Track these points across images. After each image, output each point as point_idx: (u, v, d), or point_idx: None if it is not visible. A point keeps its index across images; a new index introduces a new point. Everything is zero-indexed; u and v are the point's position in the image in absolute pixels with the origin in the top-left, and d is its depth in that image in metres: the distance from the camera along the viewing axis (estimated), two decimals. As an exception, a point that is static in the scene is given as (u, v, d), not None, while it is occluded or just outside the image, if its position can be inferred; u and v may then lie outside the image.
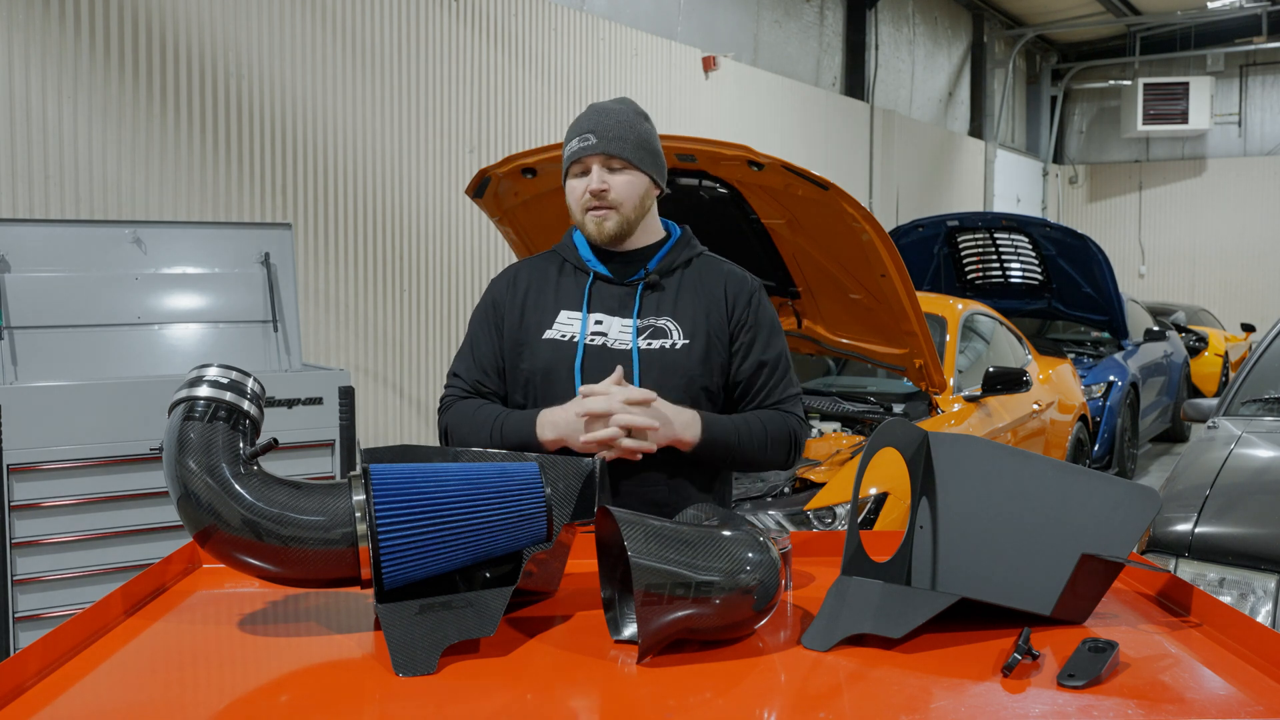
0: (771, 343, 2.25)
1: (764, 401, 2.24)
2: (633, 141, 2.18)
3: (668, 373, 2.16)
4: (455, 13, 7.12)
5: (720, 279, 2.26)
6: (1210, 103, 17.74)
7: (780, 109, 11.05)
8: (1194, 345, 12.01)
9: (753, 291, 2.27)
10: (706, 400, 2.21)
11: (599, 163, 2.16)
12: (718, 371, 2.22)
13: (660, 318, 2.21)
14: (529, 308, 2.24)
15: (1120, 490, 1.78)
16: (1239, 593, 3.06)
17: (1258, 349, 4.70)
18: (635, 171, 2.18)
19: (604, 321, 2.20)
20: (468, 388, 2.25)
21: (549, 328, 2.21)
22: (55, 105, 5.07)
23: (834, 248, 4.11)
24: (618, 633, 1.67)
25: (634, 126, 2.19)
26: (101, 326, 4.06)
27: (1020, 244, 8.34)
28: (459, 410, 2.23)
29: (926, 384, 4.72)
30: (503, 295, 2.27)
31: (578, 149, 2.17)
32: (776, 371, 2.25)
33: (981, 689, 1.48)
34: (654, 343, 2.18)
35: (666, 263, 2.25)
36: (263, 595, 1.88)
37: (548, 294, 2.25)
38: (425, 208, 6.96)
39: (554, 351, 2.19)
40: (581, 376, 2.15)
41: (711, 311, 2.22)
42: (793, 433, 2.24)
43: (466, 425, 2.20)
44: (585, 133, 2.17)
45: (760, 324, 2.25)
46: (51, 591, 3.65)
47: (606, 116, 2.18)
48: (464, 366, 2.27)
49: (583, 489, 1.86)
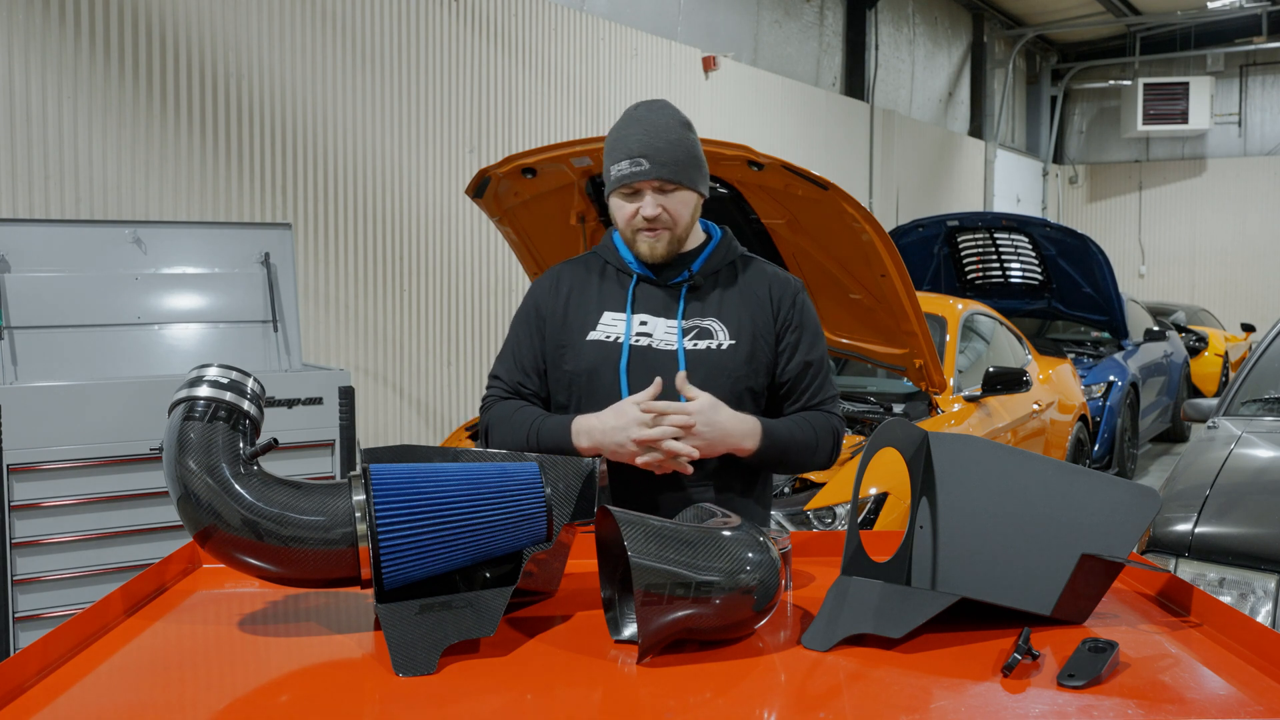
0: (815, 343, 2.26)
1: (808, 402, 2.24)
2: (685, 161, 2.14)
3: (713, 373, 2.16)
4: (455, 13, 7.12)
5: (764, 280, 2.26)
6: (1210, 103, 17.73)
7: (780, 109, 11.05)
8: (1194, 345, 12.01)
9: (796, 292, 2.26)
10: (751, 400, 2.21)
11: (652, 188, 2.13)
12: (763, 372, 2.21)
13: (705, 319, 2.20)
14: (572, 309, 2.24)
15: (1120, 490, 1.78)
16: (1239, 593, 3.06)
17: (1258, 349, 4.70)
18: (686, 190, 2.16)
19: (649, 322, 2.20)
20: (509, 389, 2.26)
21: (593, 329, 2.21)
22: (55, 105, 5.07)
23: (834, 248, 4.11)
24: (618, 633, 1.67)
25: (682, 143, 2.14)
26: (101, 326, 4.06)
27: (1020, 244, 8.35)
28: (499, 411, 2.23)
29: (926, 384, 4.72)
30: (545, 297, 2.27)
31: (629, 174, 2.12)
32: (821, 372, 2.25)
33: (981, 689, 1.48)
34: (699, 343, 2.18)
35: (710, 264, 2.24)
36: (263, 595, 1.88)
37: (590, 295, 2.24)
38: (425, 208, 6.96)
39: (599, 352, 2.18)
40: (626, 377, 2.15)
41: (757, 312, 2.22)
42: (835, 432, 2.25)
43: (505, 426, 2.20)
44: (636, 156, 2.11)
45: (805, 324, 2.25)
46: (51, 591, 3.65)
47: (656, 136, 2.12)
48: (505, 368, 2.27)
49: (583, 489, 1.86)
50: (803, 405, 2.24)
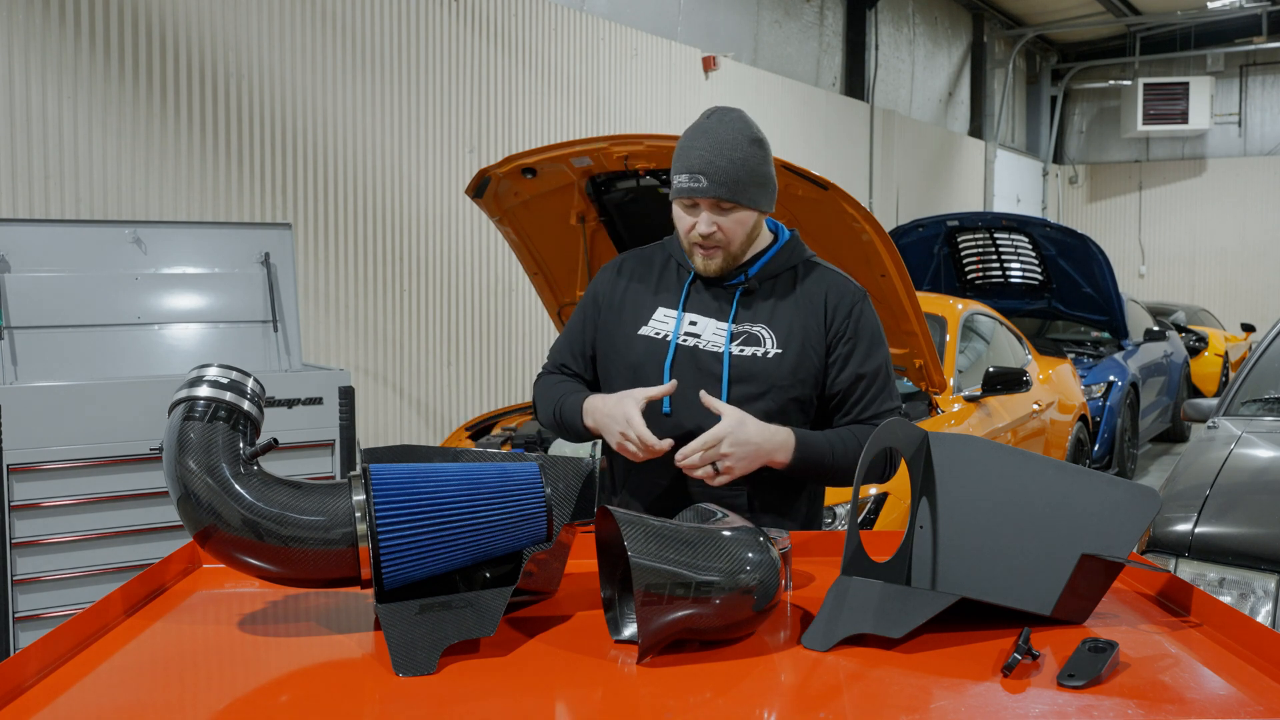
0: (872, 354, 2.19)
1: (860, 414, 2.18)
2: (744, 180, 2.09)
3: (757, 382, 2.14)
4: (455, 13, 7.12)
5: (822, 287, 2.20)
6: (1210, 103, 17.73)
7: (780, 109, 11.04)
8: (1194, 345, 12.01)
9: (855, 301, 2.20)
10: (797, 411, 2.17)
11: (708, 205, 2.10)
12: (810, 383, 2.17)
13: (756, 324, 2.17)
14: (628, 300, 2.26)
15: (1120, 490, 1.78)
16: (1239, 593, 3.06)
17: (1258, 349, 4.70)
18: (745, 210, 2.12)
19: (698, 323, 2.19)
20: (554, 366, 2.36)
21: (644, 324, 2.22)
22: (55, 105, 5.07)
23: (834, 248, 4.10)
24: (618, 633, 1.67)
25: (746, 162, 2.09)
26: (101, 326, 4.06)
27: (1020, 244, 8.35)
28: (542, 384, 2.35)
29: (926, 384, 4.72)
30: (606, 285, 2.31)
31: (688, 189, 2.10)
32: (875, 384, 2.19)
33: (981, 689, 1.48)
34: (746, 349, 2.16)
35: (769, 268, 2.21)
36: (263, 595, 1.88)
37: (648, 288, 2.26)
38: (425, 208, 6.96)
39: (647, 348, 2.20)
40: (670, 376, 2.15)
41: (809, 321, 2.17)
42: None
43: (542, 398, 2.32)
44: (696, 173, 2.08)
45: (860, 335, 2.19)
46: (51, 591, 3.65)
47: (719, 154, 2.08)
48: (558, 347, 2.38)
49: (583, 489, 1.86)
50: (853, 418, 2.18)
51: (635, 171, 4.04)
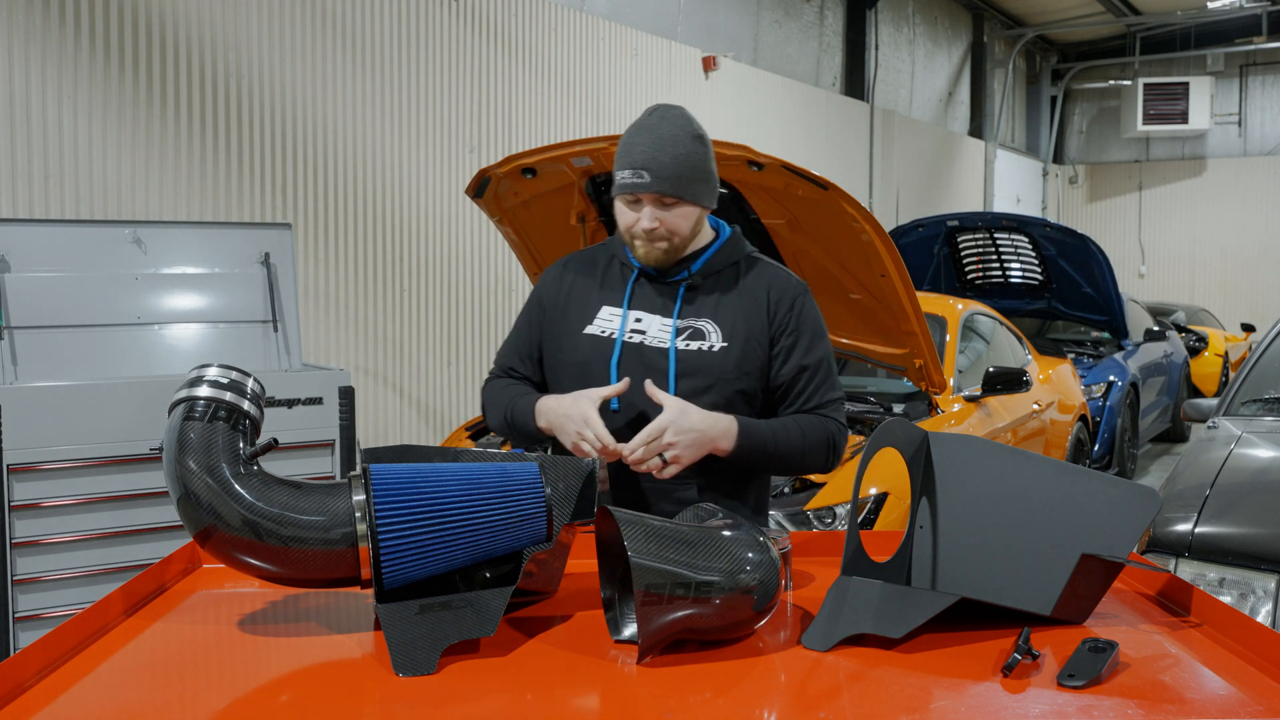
0: (814, 347, 2.23)
1: (804, 405, 2.22)
2: (687, 176, 2.12)
3: (703, 375, 2.17)
4: (455, 13, 7.12)
5: (764, 282, 2.24)
6: (1210, 103, 17.73)
7: (780, 109, 11.04)
8: (1194, 345, 12.00)
9: (796, 295, 2.25)
10: (743, 403, 2.20)
11: (651, 200, 2.13)
12: (755, 375, 2.20)
13: (700, 319, 2.21)
14: (573, 301, 2.28)
15: (1120, 490, 1.78)
16: (1239, 593, 3.06)
17: (1258, 349, 4.70)
18: (688, 205, 2.15)
19: (644, 319, 2.22)
20: (501, 370, 2.37)
21: (590, 323, 2.24)
22: (55, 105, 5.07)
23: (834, 248, 4.11)
24: (618, 633, 1.67)
25: (689, 158, 2.12)
26: (101, 326, 4.06)
27: (1020, 244, 8.35)
28: (490, 388, 2.36)
29: (926, 384, 4.72)
30: (550, 288, 2.33)
31: (631, 184, 2.12)
32: (818, 376, 2.23)
33: (981, 689, 1.48)
34: (692, 344, 2.19)
35: (711, 264, 2.24)
36: (263, 595, 1.88)
37: (592, 288, 2.28)
38: (425, 208, 6.96)
39: (592, 346, 2.22)
40: (617, 373, 2.17)
41: (753, 315, 2.21)
42: (831, 437, 2.22)
43: (492, 402, 2.33)
44: (639, 168, 2.10)
45: (803, 329, 2.23)
46: (51, 591, 3.65)
47: (661, 149, 2.10)
48: (505, 351, 2.38)
49: (583, 489, 1.86)
50: (797, 409, 2.23)
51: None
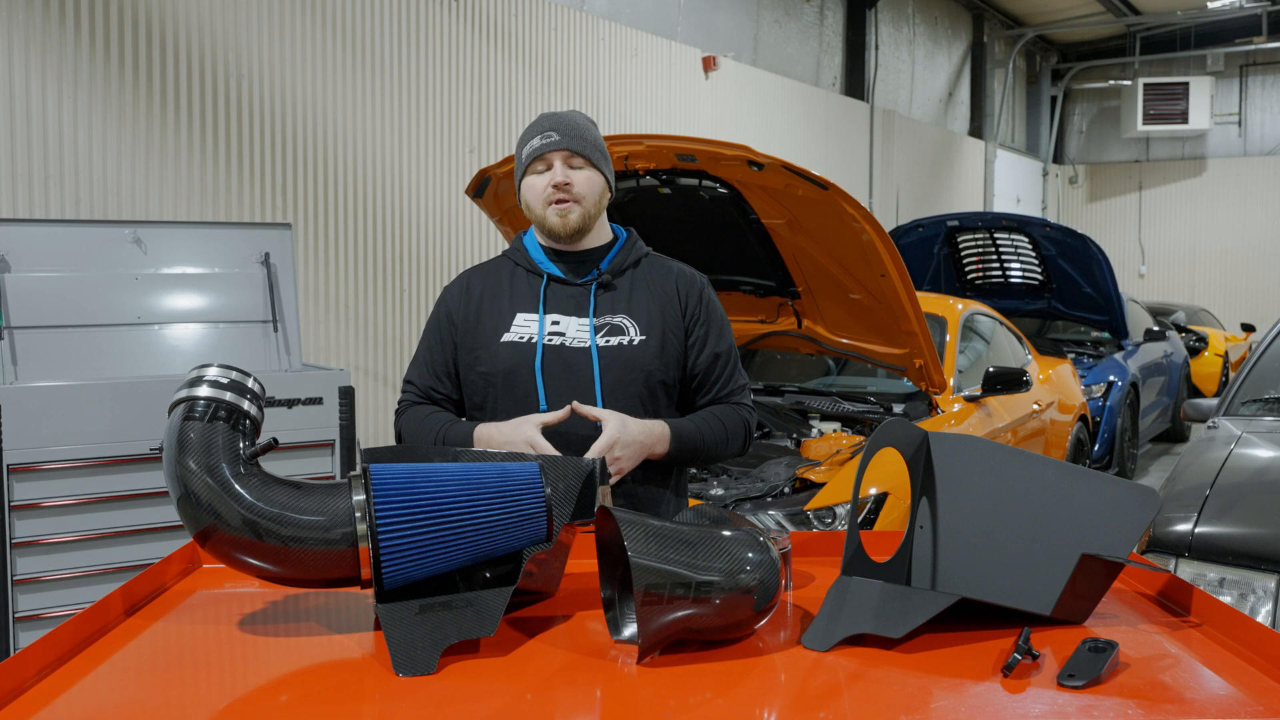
0: (723, 335, 2.35)
1: (719, 393, 2.33)
2: (591, 142, 2.28)
3: (626, 369, 2.23)
4: (455, 13, 7.12)
5: (670, 276, 2.34)
6: (1210, 103, 17.73)
7: (780, 109, 11.05)
8: (1194, 345, 12.00)
9: (702, 287, 2.35)
10: (664, 393, 2.29)
11: (562, 159, 2.25)
12: (674, 366, 2.29)
13: (616, 316, 2.27)
14: (484, 313, 2.30)
15: (1120, 490, 1.78)
16: (1239, 593, 3.06)
17: (1258, 349, 4.70)
18: (594, 170, 2.27)
19: (560, 322, 2.26)
20: (420, 394, 2.34)
21: (506, 330, 2.27)
22: (55, 105, 5.07)
23: (834, 248, 4.11)
24: (618, 633, 1.67)
25: (589, 130, 2.30)
26: (101, 326, 4.06)
27: (1020, 244, 8.34)
28: (411, 416, 2.32)
29: (926, 384, 4.72)
30: (456, 303, 2.34)
31: (541, 145, 2.25)
32: (730, 363, 2.34)
33: (981, 689, 1.48)
34: (612, 340, 2.25)
35: (618, 262, 2.31)
36: (263, 595, 1.88)
37: (502, 298, 2.31)
38: (425, 208, 6.96)
39: (513, 353, 2.24)
40: (542, 376, 2.21)
41: (665, 308, 2.29)
42: (745, 423, 2.35)
43: (415, 432, 2.29)
44: (547, 130, 2.25)
45: (712, 318, 2.33)
46: (51, 591, 3.65)
47: (563, 119, 2.28)
48: (418, 373, 2.35)
49: (583, 489, 1.86)
50: (713, 397, 2.33)
51: (635, 171, 4.04)
